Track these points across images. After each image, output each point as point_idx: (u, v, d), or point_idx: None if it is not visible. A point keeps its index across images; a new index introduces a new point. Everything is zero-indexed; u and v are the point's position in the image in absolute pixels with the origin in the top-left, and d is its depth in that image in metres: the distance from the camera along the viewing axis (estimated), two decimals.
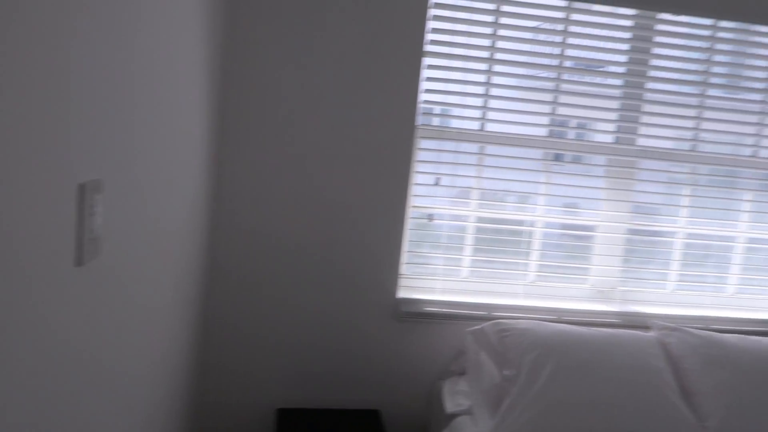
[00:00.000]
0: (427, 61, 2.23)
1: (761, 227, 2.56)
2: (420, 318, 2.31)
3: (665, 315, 2.40)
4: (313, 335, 2.30)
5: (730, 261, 2.60)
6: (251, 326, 2.26)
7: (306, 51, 2.14)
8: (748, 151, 2.51)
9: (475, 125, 2.32)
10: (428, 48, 2.22)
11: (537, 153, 2.38)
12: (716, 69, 2.42)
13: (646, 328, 2.28)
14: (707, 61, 2.41)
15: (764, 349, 2.14)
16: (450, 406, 2.07)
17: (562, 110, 2.36)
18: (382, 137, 2.23)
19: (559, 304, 2.42)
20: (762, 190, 2.53)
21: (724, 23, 2.39)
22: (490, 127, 2.32)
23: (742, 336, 2.24)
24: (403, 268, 2.33)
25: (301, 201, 2.22)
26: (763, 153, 2.50)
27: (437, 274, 2.39)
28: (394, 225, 2.28)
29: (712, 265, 2.60)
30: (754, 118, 2.47)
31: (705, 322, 2.43)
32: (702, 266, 2.58)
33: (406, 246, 2.32)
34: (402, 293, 2.33)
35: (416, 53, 2.20)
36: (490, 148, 2.35)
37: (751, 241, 2.59)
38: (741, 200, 2.54)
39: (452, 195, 2.39)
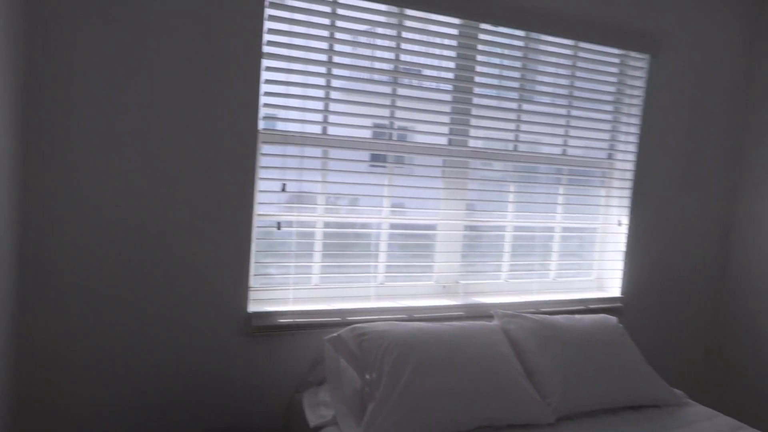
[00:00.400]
0: (265, 63, 2.13)
1: (572, 217, 2.89)
2: (274, 331, 2.20)
3: (503, 303, 2.58)
4: (156, 364, 2.06)
5: (551, 249, 2.88)
6: (80, 363, 1.96)
7: (132, 51, 1.92)
8: (558, 150, 2.81)
9: (317, 129, 2.28)
10: (266, 49, 2.13)
11: (377, 156, 2.41)
12: (529, 76, 2.67)
13: (489, 317, 2.42)
14: (524, 69, 2.65)
15: (586, 326, 2.40)
16: (313, 419, 2.00)
17: (399, 113, 2.43)
18: (221, 143, 2.08)
19: (409, 302, 2.47)
20: (571, 184, 2.85)
21: (534, 35, 2.64)
22: (332, 130, 2.30)
23: (568, 315, 2.50)
24: (252, 281, 2.20)
25: (133, 216, 1.98)
26: (571, 151, 2.82)
27: (288, 283, 2.30)
28: (240, 236, 2.14)
29: (536, 254, 2.86)
30: (562, 121, 2.77)
31: (536, 306, 2.65)
32: (528, 256, 2.82)
33: (253, 257, 2.20)
34: (253, 307, 2.20)
35: (255, 54, 2.10)
36: (334, 152, 2.33)
37: (565, 230, 2.90)
38: (557, 194, 2.84)
39: (299, 201, 2.32)
